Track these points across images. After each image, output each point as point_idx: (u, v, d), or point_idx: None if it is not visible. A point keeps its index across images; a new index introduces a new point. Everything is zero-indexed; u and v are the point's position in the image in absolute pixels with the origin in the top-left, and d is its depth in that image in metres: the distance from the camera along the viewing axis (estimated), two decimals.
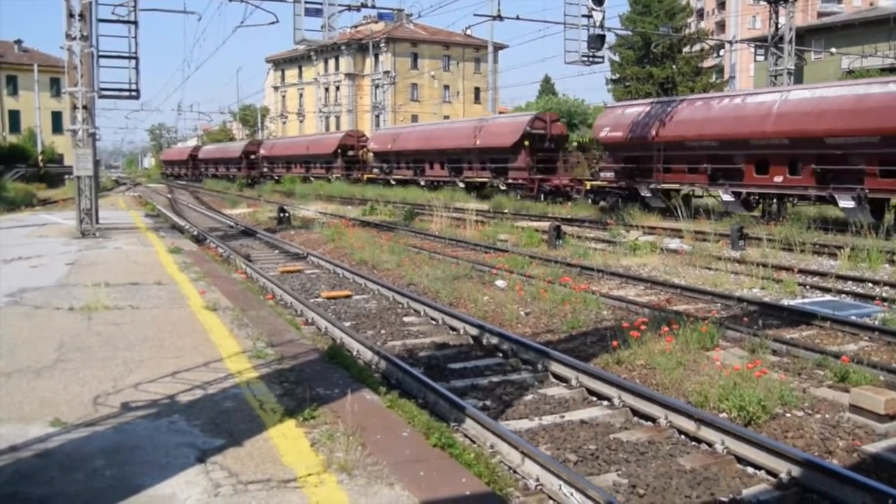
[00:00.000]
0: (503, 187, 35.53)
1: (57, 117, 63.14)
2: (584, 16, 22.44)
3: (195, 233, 22.81)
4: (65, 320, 8.46)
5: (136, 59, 19.85)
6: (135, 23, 19.79)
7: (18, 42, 70.92)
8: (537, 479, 5.21)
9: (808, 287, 13.05)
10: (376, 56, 79.15)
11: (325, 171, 55.35)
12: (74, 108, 19.15)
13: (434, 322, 10.57)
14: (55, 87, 64.17)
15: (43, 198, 41.71)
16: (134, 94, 20.48)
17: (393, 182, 45.40)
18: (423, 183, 42.11)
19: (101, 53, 19.46)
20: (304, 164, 58.79)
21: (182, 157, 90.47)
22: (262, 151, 66.62)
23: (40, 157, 57.17)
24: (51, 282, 11.25)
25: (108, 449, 4.66)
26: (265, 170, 66.09)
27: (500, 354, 8.75)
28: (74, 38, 18.60)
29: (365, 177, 50.22)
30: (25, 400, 5.61)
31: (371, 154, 50.74)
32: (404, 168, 45.52)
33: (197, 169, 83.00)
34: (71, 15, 18.53)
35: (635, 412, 6.69)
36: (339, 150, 53.14)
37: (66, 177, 51.82)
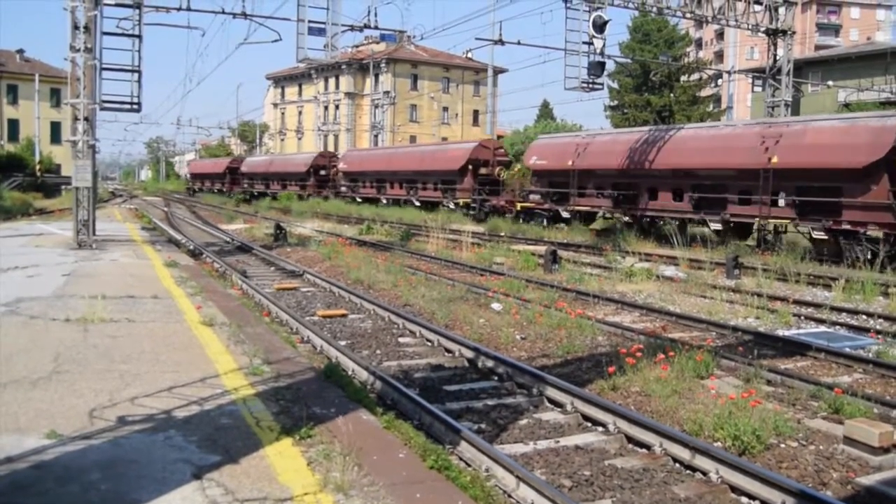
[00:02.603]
0: (822, 236, 21.14)
1: (56, 127, 63.30)
2: (584, 43, 22.62)
3: (191, 247, 22.80)
4: (61, 331, 8.45)
5: (139, 72, 19.94)
6: (139, 37, 19.91)
7: (20, 51, 71.21)
8: None
9: (802, 318, 13.09)
10: (376, 76, 79.55)
11: (440, 196, 40.74)
12: (75, 119, 19.22)
13: (429, 343, 10.57)
14: (55, 97, 64.45)
15: (39, 207, 41.63)
16: (135, 107, 20.54)
17: (565, 214, 30.99)
18: (626, 217, 28.20)
19: (104, 66, 19.55)
20: (408, 184, 44.28)
21: (217, 170, 75.66)
22: (341, 165, 52.71)
23: (38, 167, 57.16)
24: (47, 292, 11.24)
25: (103, 462, 4.65)
26: (343, 189, 51.73)
27: (496, 378, 8.75)
28: (78, 51, 18.70)
29: (519, 206, 33.95)
30: (21, 411, 5.60)
31: (524, 172, 36.36)
32: (593, 195, 29.89)
33: (237, 184, 68.67)
34: (76, 27, 18.65)
35: (630, 439, 6.70)
36: (469, 167, 38.62)
37: (64, 187, 51.93)
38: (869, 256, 19.41)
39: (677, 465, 6.18)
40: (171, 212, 46.97)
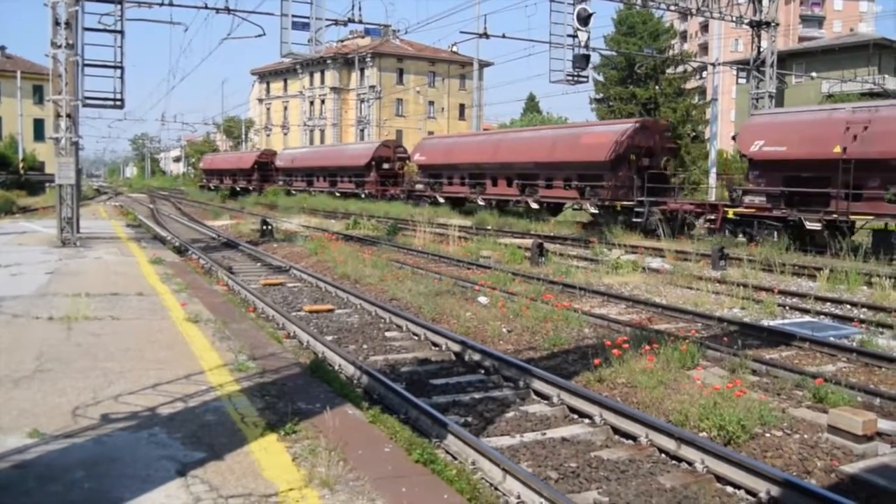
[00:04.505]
0: None
1: (39, 125, 62.70)
2: (569, 36, 22.61)
3: (177, 244, 22.67)
4: (44, 330, 8.38)
5: (122, 68, 19.80)
6: (121, 32, 19.75)
7: (2, 48, 70.49)
8: (518, 497, 5.21)
9: (787, 308, 13.17)
10: (362, 71, 79.32)
11: (575, 196, 30.14)
12: (58, 116, 19.05)
13: (416, 337, 10.56)
14: (38, 94, 63.76)
15: (23, 205, 41.32)
16: (118, 103, 20.39)
17: (813, 225, 20.46)
18: None
19: (86, 62, 19.39)
20: (523, 181, 33.13)
21: (242, 166, 64.92)
22: (416, 157, 41.86)
23: (21, 165, 56.66)
24: (30, 290, 11.15)
25: (87, 461, 4.62)
26: (417, 187, 41.83)
27: (482, 371, 8.75)
28: (60, 47, 18.52)
29: (730, 213, 22.96)
30: (3, 410, 5.55)
31: (743, 159, 26.10)
32: (878, 198, 19.47)
33: (270, 182, 59.69)
34: (57, 23, 18.46)
35: (616, 430, 6.72)
36: (632, 156, 27.45)
37: (47, 185, 51.51)
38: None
39: (663, 455, 6.20)
40: (157, 209, 46.68)
